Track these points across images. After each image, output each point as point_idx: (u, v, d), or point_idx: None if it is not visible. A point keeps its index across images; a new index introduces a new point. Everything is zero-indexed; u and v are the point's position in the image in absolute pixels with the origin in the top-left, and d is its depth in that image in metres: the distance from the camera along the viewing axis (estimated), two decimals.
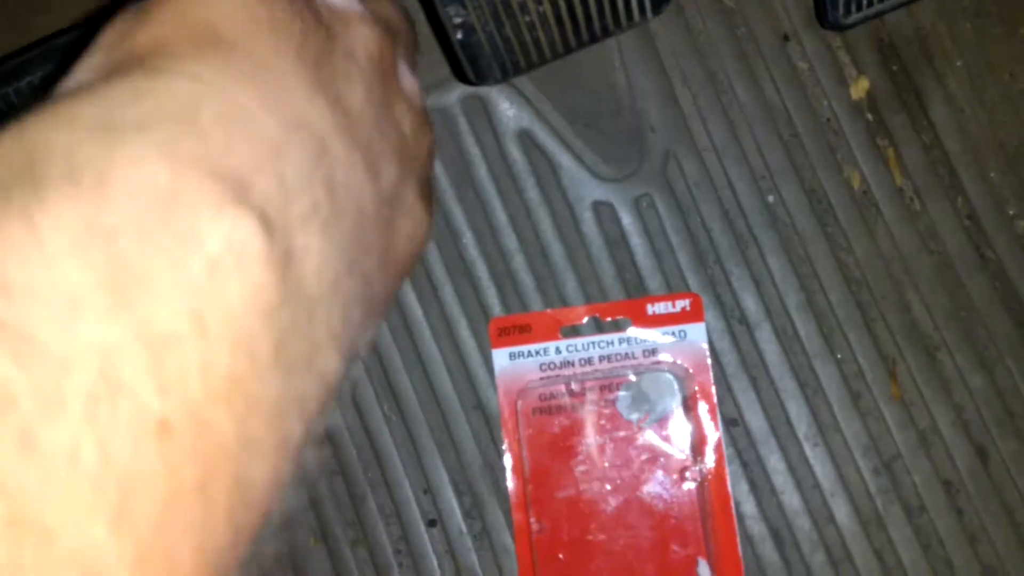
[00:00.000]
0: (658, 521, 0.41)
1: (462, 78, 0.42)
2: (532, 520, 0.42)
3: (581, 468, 0.42)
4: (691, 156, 0.44)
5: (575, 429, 0.42)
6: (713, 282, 0.43)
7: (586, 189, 0.44)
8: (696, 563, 0.40)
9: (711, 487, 0.41)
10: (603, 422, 0.42)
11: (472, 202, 0.44)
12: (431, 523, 0.44)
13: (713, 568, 0.40)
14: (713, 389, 0.42)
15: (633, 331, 0.42)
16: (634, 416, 0.42)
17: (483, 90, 0.44)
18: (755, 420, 0.42)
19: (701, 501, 0.41)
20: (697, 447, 0.41)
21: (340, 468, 0.44)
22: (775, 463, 0.42)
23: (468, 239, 0.44)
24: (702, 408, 0.41)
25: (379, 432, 0.44)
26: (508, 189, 0.44)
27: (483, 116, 0.44)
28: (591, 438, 0.42)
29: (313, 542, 0.44)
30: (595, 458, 0.42)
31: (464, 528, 0.43)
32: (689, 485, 0.41)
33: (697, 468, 0.41)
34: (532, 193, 0.44)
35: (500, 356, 0.43)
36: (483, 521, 0.43)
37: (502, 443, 0.43)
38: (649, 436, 0.42)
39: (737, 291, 0.43)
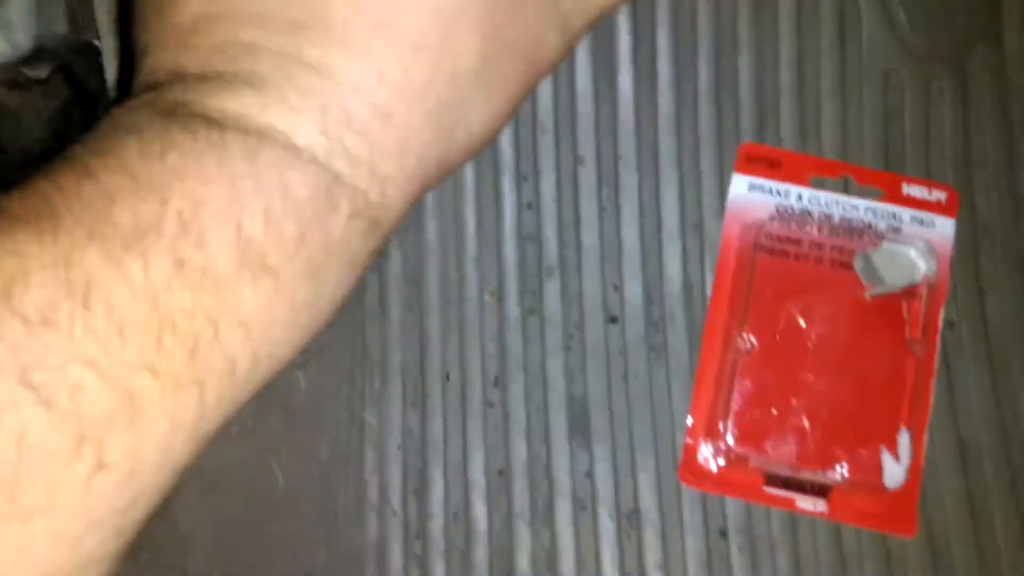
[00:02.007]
0: (867, 382, 0.39)
1: None
2: (741, 336, 0.40)
3: (799, 314, 0.40)
4: (1001, 55, 0.42)
5: (801, 276, 0.41)
6: (973, 188, 0.42)
7: (885, 51, 0.42)
8: (898, 431, 0.38)
9: (920, 374, 0.39)
10: (831, 278, 0.40)
11: (766, 25, 0.43)
12: (612, 320, 0.42)
13: (911, 444, 0.38)
14: (946, 285, 0.40)
15: (882, 203, 0.41)
16: (863, 281, 0.40)
17: None
18: (972, 331, 0.41)
19: (911, 380, 0.39)
20: (912, 332, 0.40)
21: (535, 235, 0.42)
22: (979, 376, 0.40)
23: (745, 59, 0.43)
24: (928, 299, 0.40)
25: (588, 216, 0.42)
26: (806, 24, 0.42)
27: None
28: (816, 289, 0.40)
29: (488, 296, 0.42)
30: (815, 307, 0.40)
31: (643, 335, 0.42)
32: (902, 362, 0.40)
33: (912, 350, 0.40)
34: (827, 37, 0.42)
35: (739, 183, 0.42)
36: (665, 336, 0.42)
37: (712, 269, 0.41)
38: (874, 304, 0.40)
39: (996, 205, 0.41)
